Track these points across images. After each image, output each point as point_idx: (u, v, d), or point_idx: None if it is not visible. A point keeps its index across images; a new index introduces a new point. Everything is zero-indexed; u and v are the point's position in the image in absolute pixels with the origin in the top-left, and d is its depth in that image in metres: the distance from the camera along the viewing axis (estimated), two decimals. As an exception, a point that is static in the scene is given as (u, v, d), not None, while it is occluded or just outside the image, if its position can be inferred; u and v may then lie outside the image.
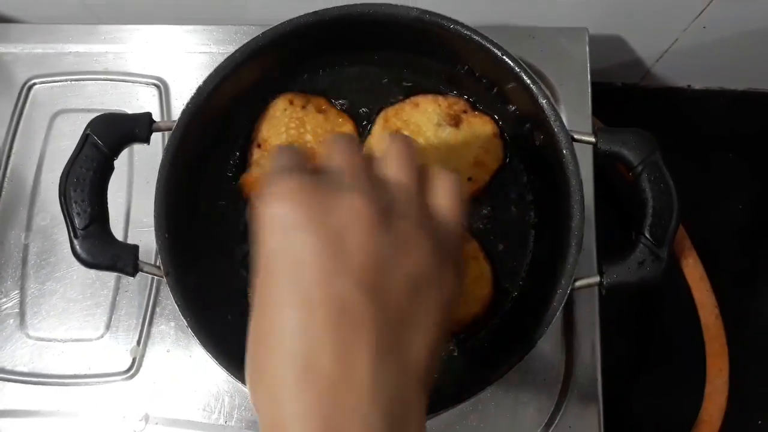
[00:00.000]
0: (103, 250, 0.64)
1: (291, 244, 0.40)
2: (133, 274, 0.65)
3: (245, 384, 0.56)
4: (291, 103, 0.78)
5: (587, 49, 0.90)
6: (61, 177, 0.65)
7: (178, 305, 0.64)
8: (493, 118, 0.78)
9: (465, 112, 0.78)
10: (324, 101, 0.79)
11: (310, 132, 0.77)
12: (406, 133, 0.77)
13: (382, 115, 0.79)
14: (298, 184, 0.41)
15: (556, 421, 0.78)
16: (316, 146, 0.76)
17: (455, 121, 0.77)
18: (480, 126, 0.78)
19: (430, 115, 0.78)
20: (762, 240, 1.08)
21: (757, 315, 1.02)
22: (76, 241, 0.64)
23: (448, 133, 0.77)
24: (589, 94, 0.88)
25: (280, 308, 0.40)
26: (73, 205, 0.64)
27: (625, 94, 1.17)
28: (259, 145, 0.77)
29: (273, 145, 0.76)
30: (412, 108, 0.78)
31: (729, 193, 1.10)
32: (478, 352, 0.74)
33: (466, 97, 0.79)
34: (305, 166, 0.45)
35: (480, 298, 0.73)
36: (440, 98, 0.79)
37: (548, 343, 0.80)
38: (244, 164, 0.78)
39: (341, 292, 0.39)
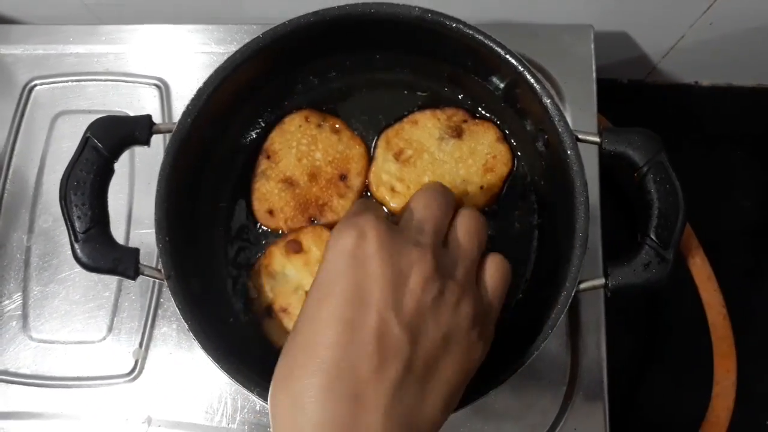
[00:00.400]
0: (104, 254, 0.64)
1: (360, 270, 0.46)
2: (134, 278, 0.65)
3: (247, 388, 0.56)
4: (306, 120, 0.78)
5: (592, 46, 0.89)
6: (61, 181, 0.65)
7: (179, 309, 0.63)
8: (495, 123, 0.78)
9: (465, 121, 0.77)
10: (340, 122, 0.79)
11: (320, 150, 0.77)
12: (410, 152, 0.77)
13: (382, 137, 0.78)
14: (383, 225, 0.48)
15: (561, 423, 0.78)
16: (324, 165, 0.76)
17: (457, 132, 0.76)
18: (482, 133, 0.77)
19: (431, 131, 0.77)
20: (770, 238, 1.06)
21: (766, 315, 1.00)
22: (76, 245, 0.64)
23: (452, 146, 0.76)
24: (595, 92, 0.87)
25: (328, 322, 0.45)
26: (74, 208, 0.64)
27: (632, 91, 1.16)
28: (268, 156, 0.77)
29: (282, 158, 0.76)
30: (412, 126, 0.78)
31: (736, 190, 1.09)
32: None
33: (467, 99, 0.78)
34: (384, 217, 0.52)
35: None
36: (438, 112, 0.78)
37: (553, 345, 0.80)
38: (246, 169, 0.78)
39: (387, 323, 0.44)
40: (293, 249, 0.74)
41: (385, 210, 0.77)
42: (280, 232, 0.76)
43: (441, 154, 0.77)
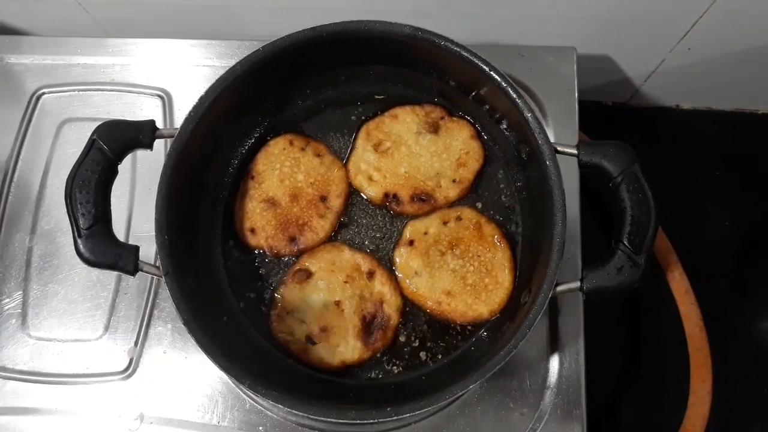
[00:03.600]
0: (105, 250, 0.67)
1: None
2: (133, 273, 0.68)
3: (238, 380, 0.57)
4: (291, 143, 0.83)
5: (575, 67, 0.93)
6: (67, 179, 0.68)
7: (175, 304, 0.66)
8: (470, 122, 0.83)
9: (442, 118, 0.83)
10: (323, 147, 0.83)
11: (302, 172, 0.81)
12: (388, 144, 0.82)
13: (363, 128, 0.83)
14: None
15: (540, 427, 0.80)
16: (306, 187, 0.80)
17: (434, 128, 0.82)
18: (457, 130, 0.82)
19: (410, 125, 0.82)
20: (747, 255, 1.10)
21: (741, 328, 1.04)
22: (79, 241, 0.67)
23: (428, 140, 0.81)
24: (576, 110, 0.91)
25: None
26: (78, 206, 0.67)
27: (615, 113, 1.21)
28: (252, 177, 0.81)
29: (265, 179, 0.80)
30: (392, 120, 0.83)
31: (716, 209, 1.13)
32: (464, 358, 0.76)
33: (445, 107, 0.83)
34: None
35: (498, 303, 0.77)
36: (417, 108, 0.83)
37: (533, 350, 0.82)
38: (240, 174, 0.82)
39: None
40: (304, 277, 0.78)
41: (363, 197, 0.81)
42: (262, 251, 0.80)
43: (418, 148, 0.82)
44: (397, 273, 0.79)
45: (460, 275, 0.77)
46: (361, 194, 0.82)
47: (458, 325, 0.77)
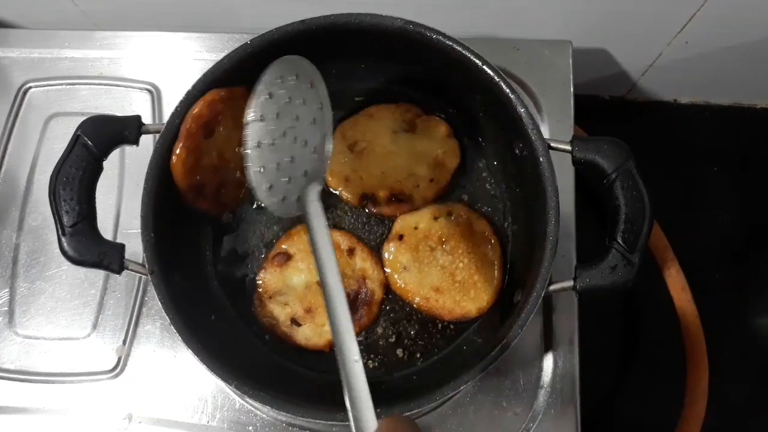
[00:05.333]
0: (90, 248, 0.66)
1: None
2: (118, 272, 0.67)
3: (226, 381, 0.56)
4: None
5: (570, 61, 0.92)
6: (51, 176, 0.67)
7: (161, 303, 0.65)
8: (446, 120, 0.82)
9: (419, 116, 0.81)
10: None
11: None
12: (363, 144, 0.81)
13: (338, 129, 0.82)
14: None
15: (534, 426, 0.79)
16: None
17: (410, 127, 0.80)
18: (434, 128, 0.81)
19: (386, 124, 0.81)
20: (745, 252, 1.09)
21: (738, 326, 1.03)
22: (63, 239, 0.66)
23: (404, 139, 0.80)
24: (572, 105, 0.90)
25: None
26: (62, 203, 0.66)
27: (613, 107, 1.19)
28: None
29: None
30: (368, 119, 0.81)
31: (713, 205, 1.12)
32: (455, 357, 0.76)
33: (422, 105, 0.82)
34: None
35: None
36: (393, 107, 0.82)
37: (527, 349, 0.81)
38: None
39: None
40: (284, 260, 0.78)
41: (342, 197, 0.80)
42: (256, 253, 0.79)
43: (394, 147, 0.80)
44: (385, 268, 0.78)
45: (449, 271, 0.76)
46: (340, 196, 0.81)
47: (444, 323, 0.77)
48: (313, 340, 0.76)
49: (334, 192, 0.81)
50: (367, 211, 0.80)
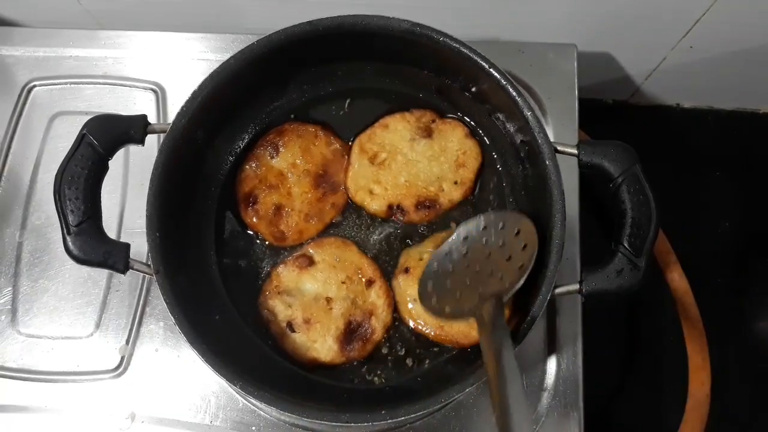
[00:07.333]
0: (95, 247, 0.66)
1: None
2: (123, 272, 0.66)
3: (230, 381, 0.56)
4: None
5: (575, 64, 0.92)
6: (56, 175, 0.66)
7: (167, 303, 0.65)
8: (462, 121, 0.81)
9: (434, 121, 0.81)
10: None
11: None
12: (384, 155, 0.80)
13: (356, 143, 0.81)
14: None
15: (537, 429, 0.79)
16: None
17: (427, 132, 0.80)
18: (451, 131, 0.81)
19: (402, 133, 0.80)
20: (747, 256, 1.09)
21: (741, 329, 1.03)
22: (68, 238, 0.65)
23: (423, 145, 0.80)
24: (577, 108, 0.90)
25: None
26: (67, 202, 0.66)
27: (616, 111, 1.20)
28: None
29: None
30: (383, 130, 0.81)
31: (716, 209, 1.12)
32: (460, 359, 0.75)
33: (435, 109, 0.82)
34: None
35: None
36: (407, 114, 0.81)
37: (531, 352, 0.82)
38: (235, 168, 0.80)
39: None
40: (305, 264, 0.77)
41: (370, 210, 0.79)
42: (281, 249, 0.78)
43: (414, 155, 0.80)
44: (397, 300, 0.76)
45: None
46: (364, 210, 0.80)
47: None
48: (299, 351, 0.74)
49: (360, 207, 0.80)
50: (396, 220, 0.79)
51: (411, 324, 0.75)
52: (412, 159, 0.80)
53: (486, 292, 0.66)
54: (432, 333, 0.74)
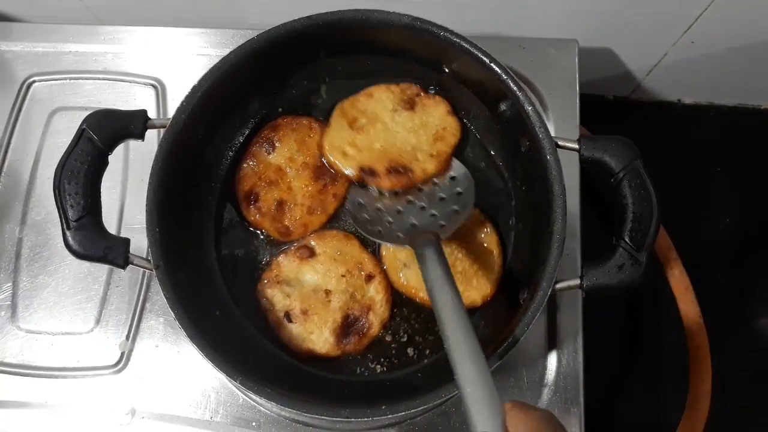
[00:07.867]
0: (95, 242, 0.66)
1: None
2: (123, 267, 0.66)
3: (230, 376, 0.56)
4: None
5: (576, 60, 0.92)
6: (56, 170, 0.66)
7: (166, 298, 0.65)
8: (446, 98, 0.81)
9: (418, 95, 0.81)
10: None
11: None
12: (363, 121, 0.81)
13: (338, 107, 0.81)
14: None
15: (537, 425, 0.79)
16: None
17: (410, 105, 0.80)
18: (433, 106, 0.81)
19: (385, 103, 0.81)
20: (748, 253, 1.09)
21: (741, 326, 1.03)
22: (68, 233, 0.65)
23: (404, 117, 0.80)
24: (578, 104, 0.90)
25: None
26: (67, 197, 0.66)
27: (617, 107, 1.19)
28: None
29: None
30: (367, 98, 0.81)
31: (716, 206, 1.12)
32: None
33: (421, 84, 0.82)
34: None
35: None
36: (392, 86, 0.82)
37: (531, 347, 0.81)
38: (235, 163, 0.80)
39: None
40: (306, 254, 0.77)
41: (341, 170, 0.79)
42: (260, 233, 0.79)
43: (393, 125, 0.80)
44: (384, 266, 0.77)
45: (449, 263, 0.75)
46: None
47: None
48: (294, 342, 0.74)
49: (333, 164, 0.80)
50: (366, 183, 0.79)
51: (402, 290, 0.77)
52: (391, 129, 0.80)
53: (421, 225, 0.73)
54: (421, 296, 0.76)
